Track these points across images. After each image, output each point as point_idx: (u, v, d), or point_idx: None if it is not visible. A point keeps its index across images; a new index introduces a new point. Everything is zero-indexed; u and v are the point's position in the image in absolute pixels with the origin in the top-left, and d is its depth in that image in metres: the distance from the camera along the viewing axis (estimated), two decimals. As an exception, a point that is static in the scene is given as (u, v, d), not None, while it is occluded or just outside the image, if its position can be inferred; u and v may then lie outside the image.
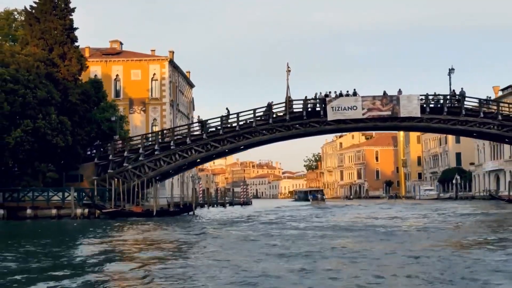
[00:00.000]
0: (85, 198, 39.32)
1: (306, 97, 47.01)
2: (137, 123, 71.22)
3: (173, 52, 75.67)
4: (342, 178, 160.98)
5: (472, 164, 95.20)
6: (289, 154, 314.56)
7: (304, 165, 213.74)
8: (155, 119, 73.17)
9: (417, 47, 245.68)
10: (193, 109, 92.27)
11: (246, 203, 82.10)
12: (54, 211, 37.65)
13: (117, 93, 71.09)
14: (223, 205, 73.20)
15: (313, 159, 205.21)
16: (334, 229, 28.32)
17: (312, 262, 15.23)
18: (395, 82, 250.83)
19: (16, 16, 54.79)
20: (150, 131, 70.26)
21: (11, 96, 38.08)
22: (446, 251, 17.37)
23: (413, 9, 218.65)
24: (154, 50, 78.08)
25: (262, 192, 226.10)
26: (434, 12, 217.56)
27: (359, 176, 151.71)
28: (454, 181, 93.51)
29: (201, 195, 74.19)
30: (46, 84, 40.80)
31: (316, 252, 17.45)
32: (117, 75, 72.14)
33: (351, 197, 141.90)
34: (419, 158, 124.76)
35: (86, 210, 38.39)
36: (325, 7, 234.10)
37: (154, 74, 73.05)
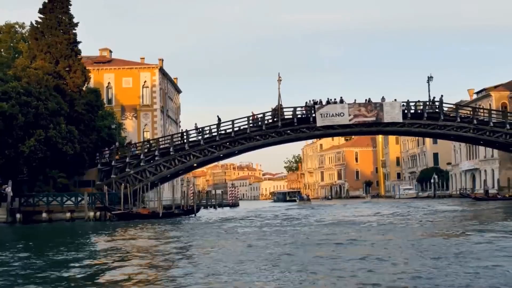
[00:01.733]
0: (97, 202, 42.15)
1: (295, 108, 50.51)
2: (129, 129, 73.78)
3: (162, 60, 78.48)
4: (322, 179, 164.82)
5: (449, 164, 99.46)
6: (269, 156, 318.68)
7: (285, 167, 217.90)
8: (146, 125, 75.94)
9: (391, 49, 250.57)
10: (179, 114, 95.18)
11: (235, 204, 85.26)
12: (68, 214, 40.49)
13: (109, 101, 73.50)
14: (214, 207, 76.31)
15: (293, 160, 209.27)
16: (342, 224, 32.07)
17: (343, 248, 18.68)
18: (370, 85, 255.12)
19: (17, 29, 57.32)
20: (141, 137, 73.40)
21: (25, 108, 40.86)
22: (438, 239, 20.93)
23: (389, 10, 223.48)
24: (144, 58, 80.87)
25: (243, 194, 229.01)
26: (410, 14, 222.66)
27: (339, 177, 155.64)
28: (432, 181, 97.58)
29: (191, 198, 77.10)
30: (55, 96, 43.66)
31: (341, 242, 21.05)
32: (109, 83, 74.56)
33: (330, 197, 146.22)
34: (397, 159, 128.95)
35: (98, 213, 41.36)
36: (307, 8, 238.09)
37: (145, 81, 75.79)
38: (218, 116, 51.13)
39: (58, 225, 38.34)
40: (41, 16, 48.71)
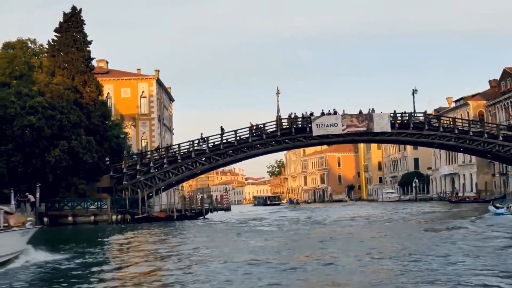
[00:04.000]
0: (118, 206, 46.17)
1: (291, 114, 55.01)
2: (128, 137, 77.68)
3: (158, 71, 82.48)
4: (306, 183, 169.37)
5: (429, 168, 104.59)
6: (251, 161, 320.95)
7: (267, 171, 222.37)
8: (144, 133, 79.92)
9: (370, 53, 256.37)
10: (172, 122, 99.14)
11: (228, 208, 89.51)
12: (92, 218, 44.46)
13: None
14: (211, 210, 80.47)
15: (276, 165, 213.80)
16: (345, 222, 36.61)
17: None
18: (351, 90, 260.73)
19: (29, 45, 60.89)
20: (140, 145, 77.42)
21: (50, 121, 44.73)
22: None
23: (367, 14, 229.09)
24: (140, 69, 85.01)
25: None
26: (388, 18, 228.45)
27: (322, 181, 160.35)
28: (413, 184, 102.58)
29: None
30: (75, 109, 47.59)
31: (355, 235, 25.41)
32: (108, 93, 78.06)
33: (309, 201, 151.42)
34: (379, 163, 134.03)
35: (119, 216, 45.39)
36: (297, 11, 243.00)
37: (143, 91, 79.81)
38: (221, 127, 55.42)
39: (84, 227, 42.29)
40: (57, 34, 52.59)
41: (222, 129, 55.27)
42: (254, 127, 54.63)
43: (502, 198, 59.27)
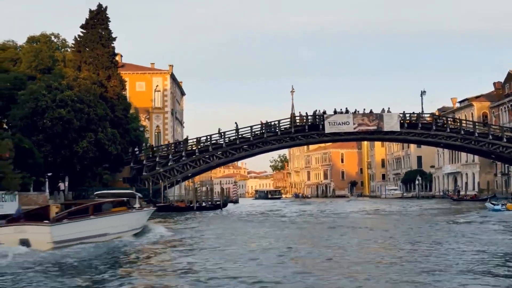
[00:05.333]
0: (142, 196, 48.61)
1: (299, 112, 57.56)
2: (146, 130, 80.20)
3: (172, 66, 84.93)
4: (309, 178, 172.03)
5: (432, 166, 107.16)
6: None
7: (270, 166, 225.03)
8: (157, 126, 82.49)
9: (373, 53, 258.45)
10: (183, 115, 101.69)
11: (236, 201, 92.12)
12: (117, 206, 46.86)
13: (125, 103, 79.65)
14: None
15: (279, 160, 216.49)
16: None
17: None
18: (352, 89, 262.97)
19: (52, 39, 63.15)
20: (153, 137, 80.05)
21: (79, 114, 47.13)
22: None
23: (372, 13, 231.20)
24: (154, 63, 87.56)
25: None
26: (390, 17, 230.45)
27: (325, 177, 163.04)
28: (416, 182, 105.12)
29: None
30: (101, 103, 49.98)
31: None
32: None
33: (309, 196, 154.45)
34: (383, 161, 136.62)
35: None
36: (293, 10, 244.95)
37: (157, 85, 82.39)
38: (236, 123, 57.81)
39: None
40: (83, 31, 54.97)
41: (237, 125, 57.69)
42: (264, 124, 57.01)
43: (492, 197, 62.32)
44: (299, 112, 56.96)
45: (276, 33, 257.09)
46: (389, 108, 58.20)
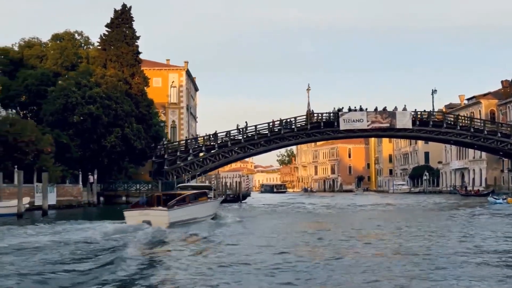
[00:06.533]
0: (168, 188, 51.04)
1: (311, 110, 59.71)
2: (166, 125, 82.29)
3: (187, 62, 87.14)
4: (316, 173, 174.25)
5: (440, 162, 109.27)
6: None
7: (277, 160, 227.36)
8: (173, 121, 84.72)
9: (377, 48, 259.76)
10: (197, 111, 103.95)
11: (249, 194, 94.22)
12: (144, 198, 49.34)
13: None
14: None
15: (286, 154, 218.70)
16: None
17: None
18: (360, 84, 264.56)
19: (76, 37, 65.42)
20: (169, 132, 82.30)
21: (107, 110, 49.51)
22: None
23: (375, 8, 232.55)
24: (169, 60, 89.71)
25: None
26: (397, 12, 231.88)
27: (332, 171, 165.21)
28: (424, 177, 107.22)
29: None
30: (127, 99, 52.35)
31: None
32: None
33: (314, 190, 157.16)
34: (390, 156, 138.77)
35: (168, 197, 50.27)
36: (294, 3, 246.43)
37: (173, 81, 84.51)
38: (246, 122, 60.08)
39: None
40: (108, 29, 57.21)
41: (246, 124, 60.02)
42: (277, 122, 59.22)
43: (492, 192, 64.95)
44: (311, 109, 58.81)
45: (281, 28, 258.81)
46: (405, 106, 60.48)
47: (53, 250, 16.89)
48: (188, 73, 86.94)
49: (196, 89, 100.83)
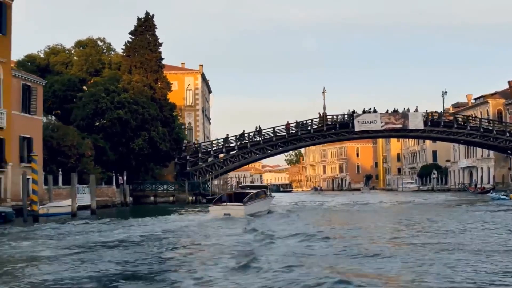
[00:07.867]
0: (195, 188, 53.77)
1: (325, 113, 62.23)
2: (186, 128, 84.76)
3: (202, 66, 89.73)
4: (324, 172, 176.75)
5: (448, 161, 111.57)
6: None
7: (285, 159, 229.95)
8: (189, 123, 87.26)
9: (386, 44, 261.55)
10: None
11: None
12: (171, 198, 52.01)
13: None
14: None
15: (293, 154, 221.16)
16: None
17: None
18: (368, 80, 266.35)
19: (99, 43, 68.00)
20: (185, 134, 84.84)
21: (134, 114, 52.10)
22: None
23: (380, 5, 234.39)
24: (184, 63, 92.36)
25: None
26: (403, 9, 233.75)
27: (341, 170, 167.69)
28: (432, 176, 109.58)
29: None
30: (153, 104, 54.95)
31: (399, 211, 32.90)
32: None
33: (322, 188, 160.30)
34: (398, 155, 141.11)
35: (194, 197, 52.90)
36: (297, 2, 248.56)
37: (189, 84, 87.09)
38: (259, 126, 62.66)
39: (166, 206, 49.73)
40: (132, 37, 59.80)
41: (259, 128, 62.50)
42: (291, 125, 61.74)
43: (493, 189, 67.75)
44: (325, 112, 61.35)
45: (285, 25, 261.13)
46: (416, 107, 62.96)
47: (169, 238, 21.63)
48: (203, 76, 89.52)
49: (210, 91, 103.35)
